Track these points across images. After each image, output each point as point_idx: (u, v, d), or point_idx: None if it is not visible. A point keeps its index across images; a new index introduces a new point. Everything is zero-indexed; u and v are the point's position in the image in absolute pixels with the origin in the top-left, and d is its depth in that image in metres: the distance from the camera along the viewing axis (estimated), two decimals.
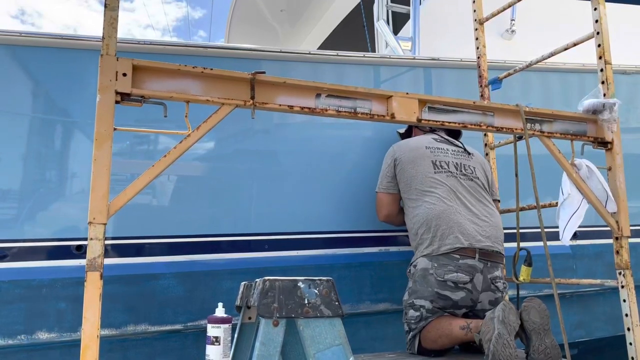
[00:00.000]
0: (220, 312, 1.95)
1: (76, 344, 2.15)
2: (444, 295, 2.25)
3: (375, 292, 2.66)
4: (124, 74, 1.57)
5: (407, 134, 2.74)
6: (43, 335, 2.15)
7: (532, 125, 2.08)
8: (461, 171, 2.47)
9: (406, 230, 2.56)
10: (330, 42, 5.05)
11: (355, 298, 2.62)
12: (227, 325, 1.91)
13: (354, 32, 4.97)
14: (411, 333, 2.31)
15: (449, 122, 1.95)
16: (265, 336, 1.09)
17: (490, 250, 2.32)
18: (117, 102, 1.57)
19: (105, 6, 1.57)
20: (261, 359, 1.08)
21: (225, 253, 2.43)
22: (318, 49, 5.03)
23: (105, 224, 1.50)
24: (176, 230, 2.38)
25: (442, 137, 2.60)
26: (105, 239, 1.51)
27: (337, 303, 1.14)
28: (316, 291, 1.14)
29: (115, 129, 1.55)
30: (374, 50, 3.88)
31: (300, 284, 1.14)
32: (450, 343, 2.23)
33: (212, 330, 1.89)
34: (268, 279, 1.13)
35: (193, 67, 1.65)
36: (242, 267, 2.45)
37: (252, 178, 2.50)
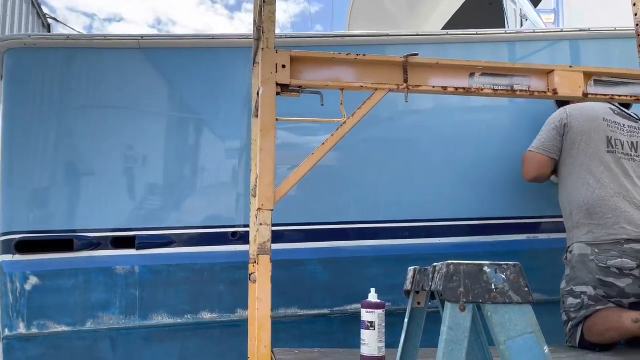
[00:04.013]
0: (373, 297, 1.97)
1: (235, 324, 2.32)
2: (607, 282, 2.07)
3: None
4: (283, 66, 1.62)
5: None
6: (206, 316, 2.33)
7: None
8: (635, 152, 2.24)
9: (555, 216, 2.40)
10: (453, 25, 4.87)
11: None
12: (381, 311, 1.92)
13: (476, 13, 4.75)
14: (570, 323, 2.15)
15: (620, 96, 1.78)
16: (453, 321, 1.07)
17: None
18: (277, 93, 1.62)
19: (264, 1, 1.63)
20: (449, 344, 1.05)
21: (369, 240, 2.45)
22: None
23: (272, 210, 1.56)
24: (319, 218, 2.45)
25: (618, 108, 2.37)
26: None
27: (526, 289, 1.09)
28: (503, 276, 1.09)
29: (277, 120, 1.61)
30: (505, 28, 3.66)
31: (486, 268, 1.10)
32: (619, 337, 2.05)
33: (367, 315, 1.92)
34: (452, 263, 1.11)
35: (347, 55, 1.67)
36: (384, 255, 2.45)
37: (394, 165, 2.49)
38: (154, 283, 2.27)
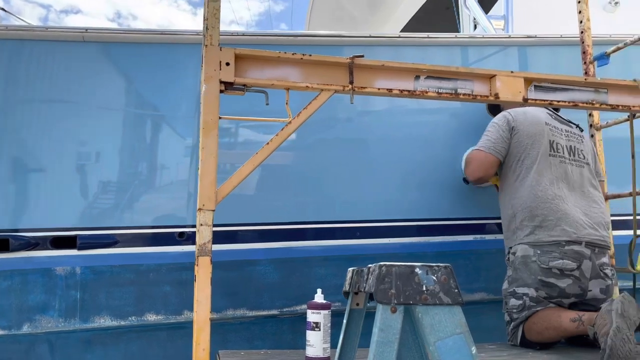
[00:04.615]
0: (319, 298, 1.96)
1: (181, 326, 2.28)
2: (549, 283, 2.13)
3: (470, 281, 2.57)
4: (227, 64, 1.60)
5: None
6: (151, 317, 2.27)
7: None
8: (573, 156, 2.31)
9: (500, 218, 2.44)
10: (410, 28, 4.93)
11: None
12: (327, 311, 1.92)
13: (434, 17, 4.82)
14: (513, 323, 2.21)
15: (558, 101, 1.83)
16: (384, 322, 1.07)
17: (598, 241, 2.18)
18: (221, 91, 1.60)
19: None
20: (380, 345, 1.05)
21: (318, 240, 2.45)
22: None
23: (213, 211, 1.54)
24: (271, 218, 2.43)
25: (554, 112, 2.44)
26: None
27: (456, 290, 1.10)
28: (434, 278, 1.10)
29: (220, 118, 1.58)
30: (459, 32, 3.73)
31: (417, 269, 1.11)
32: (557, 336, 2.11)
33: (312, 316, 1.91)
34: (384, 264, 1.11)
35: (292, 54, 1.66)
36: (335, 255, 2.45)
37: (345, 166, 2.49)
38: (96, 284, 2.20)
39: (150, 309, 2.28)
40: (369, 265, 1.23)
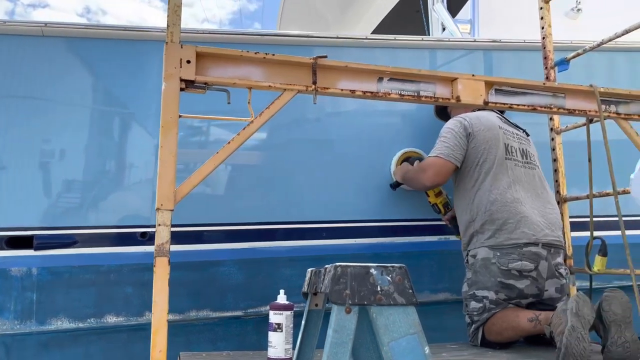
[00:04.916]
0: (282, 298, 1.95)
1: (142, 327, 2.24)
2: (508, 284, 2.17)
3: (434, 281, 2.61)
4: (188, 61, 1.57)
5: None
6: (111, 319, 2.23)
7: (607, 106, 1.95)
8: (526, 159, 2.36)
9: None
10: (382, 30, 4.96)
11: (415, 287, 2.57)
12: (289, 312, 1.91)
13: (405, 19, 4.86)
14: (474, 325, 2.24)
15: (517, 105, 1.86)
16: (338, 323, 1.07)
17: (553, 241, 2.24)
18: (181, 89, 1.58)
19: None
20: (334, 346, 1.05)
21: (284, 240, 2.44)
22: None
23: (172, 210, 1.51)
24: (236, 218, 2.41)
25: (503, 116, 2.49)
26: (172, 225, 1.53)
27: (410, 291, 1.11)
28: (389, 278, 1.11)
29: (180, 117, 1.56)
30: (427, 35, 3.78)
31: (372, 270, 1.11)
32: (516, 336, 2.15)
33: (275, 317, 1.90)
34: (340, 265, 1.11)
35: (255, 53, 1.64)
36: (301, 255, 2.45)
37: (311, 166, 2.49)
38: (53, 285, 2.14)
39: (110, 311, 2.24)
40: (326, 266, 1.23)
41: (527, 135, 2.50)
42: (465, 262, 2.35)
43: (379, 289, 1.12)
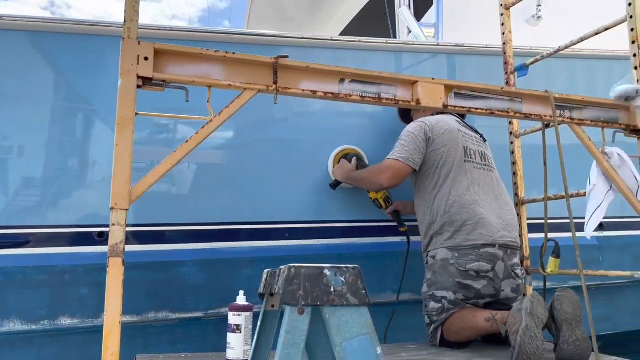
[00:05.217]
0: (241, 300, 1.94)
1: (98, 329, 2.18)
2: (466, 285, 2.21)
3: (396, 282, 2.63)
4: (146, 58, 1.55)
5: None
6: (66, 321, 2.17)
7: (562, 112, 2.01)
8: (484, 162, 2.41)
9: None
10: (351, 31, 4.98)
11: (377, 288, 2.60)
12: (248, 314, 1.90)
13: (374, 21, 4.89)
14: (433, 325, 2.27)
15: (476, 109, 1.90)
16: (291, 324, 1.07)
17: (510, 243, 2.29)
18: (138, 86, 1.55)
19: None
20: (286, 347, 1.05)
21: (246, 241, 2.42)
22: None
23: (127, 210, 1.48)
24: (197, 218, 2.38)
25: (461, 119, 2.53)
26: (129, 225, 1.50)
27: (364, 291, 1.11)
28: (342, 279, 1.11)
29: (137, 114, 1.53)
30: (394, 38, 3.81)
31: (326, 271, 1.11)
32: (474, 335, 2.19)
33: (234, 318, 1.89)
34: (293, 266, 1.11)
35: (215, 52, 1.63)
36: (263, 256, 2.44)
37: (273, 166, 2.48)
38: (5, 286, 2.07)
39: (65, 312, 2.18)
40: (281, 267, 1.22)
41: (484, 140, 2.55)
42: (425, 263, 2.38)
43: (332, 289, 1.12)
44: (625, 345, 3.15)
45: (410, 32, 3.34)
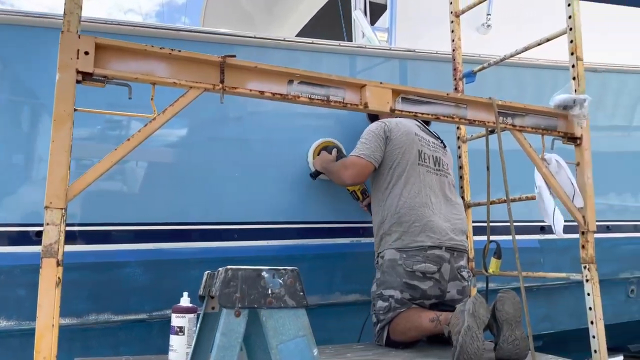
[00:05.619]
0: (185, 301, 1.91)
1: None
2: (412, 285, 2.25)
3: (346, 283, 2.65)
4: (86, 53, 1.50)
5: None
6: (1, 323, 2.08)
7: (505, 118, 2.08)
8: (438, 167, 2.46)
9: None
10: (309, 31, 4.99)
11: (326, 289, 2.61)
12: (192, 315, 1.87)
13: (332, 22, 4.91)
14: (379, 324, 2.30)
15: (422, 113, 1.94)
16: (227, 326, 1.06)
17: (457, 246, 2.34)
18: (78, 81, 1.50)
19: None
20: (221, 350, 1.04)
21: (193, 242, 2.38)
22: (296, 37, 4.96)
23: (62, 209, 1.43)
24: (144, 218, 2.32)
25: (422, 124, 2.59)
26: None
27: (301, 293, 1.11)
28: (280, 281, 1.11)
29: (75, 110, 1.48)
30: (351, 40, 3.84)
31: (264, 273, 1.11)
32: (419, 335, 2.24)
33: (177, 320, 1.86)
34: (230, 268, 1.10)
35: (160, 48, 1.59)
36: (211, 257, 2.40)
37: (222, 166, 2.45)
38: None
39: (0, 314, 2.09)
40: (219, 269, 1.21)
41: (445, 146, 2.61)
42: (376, 263, 2.41)
43: (269, 291, 1.12)
44: (565, 344, 3.29)
45: (365, 35, 3.37)
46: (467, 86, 2.75)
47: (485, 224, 2.53)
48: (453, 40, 2.79)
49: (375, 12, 3.53)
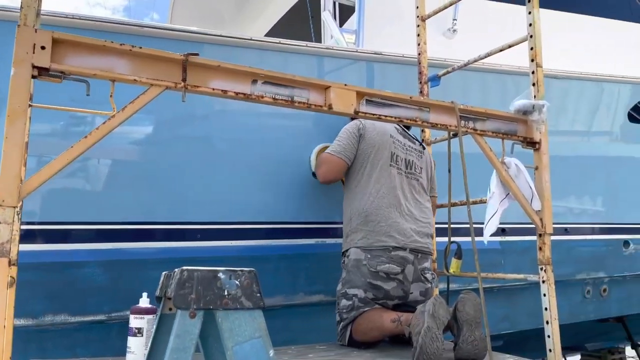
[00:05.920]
0: (144, 302, 1.88)
1: None
2: (376, 285, 2.27)
3: (310, 283, 2.65)
4: (43, 47, 1.46)
5: None
6: None
7: (466, 122, 2.12)
8: (409, 170, 2.49)
9: (342, 222, 2.56)
10: (278, 31, 4.97)
11: (290, 289, 2.60)
12: (151, 316, 1.84)
13: (302, 22, 4.91)
14: (342, 323, 2.32)
15: (386, 116, 1.95)
16: (181, 328, 1.05)
17: (421, 248, 2.38)
18: (34, 76, 1.46)
19: None
20: (175, 352, 1.03)
21: (155, 242, 2.35)
22: (265, 36, 4.94)
23: (15, 207, 1.39)
24: (104, 217, 2.28)
25: (401, 127, 2.61)
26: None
27: (258, 295, 1.11)
28: (237, 282, 1.10)
29: (30, 106, 1.44)
30: (319, 42, 3.84)
31: (220, 274, 1.10)
32: (381, 335, 2.26)
33: (135, 321, 1.83)
34: (186, 269, 1.08)
35: (120, 44, 1.56)
36: (173, 257, 2.37)
37: (186, 165, 2.42)
38: None
39: None
40: (175, 270, 1.20)
41: (423, 148, 2.64)
42: (342, 263, 2.43)
43: (226, 293, 1.11)
44: (525, 344, 3.37)
45: (333, 37, 3.38)
46: (433, 90, 2.80)
47: (446, 226, 2.58)
48: (419, 44, 2.83)
49: (344, 14, 3.54)
